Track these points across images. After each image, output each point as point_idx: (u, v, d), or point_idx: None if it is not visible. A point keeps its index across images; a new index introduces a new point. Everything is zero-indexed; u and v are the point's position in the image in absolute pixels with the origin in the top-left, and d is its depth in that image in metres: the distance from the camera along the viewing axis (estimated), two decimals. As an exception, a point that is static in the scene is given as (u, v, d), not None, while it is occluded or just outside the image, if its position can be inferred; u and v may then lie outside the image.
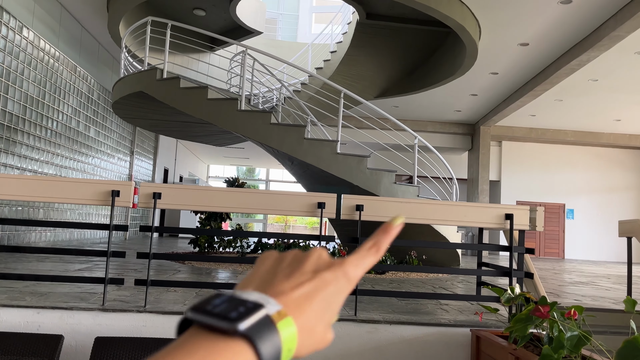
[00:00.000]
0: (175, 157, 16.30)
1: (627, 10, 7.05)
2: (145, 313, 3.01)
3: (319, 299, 0.41)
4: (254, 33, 10.26)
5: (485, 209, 3.67)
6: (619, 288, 6.31)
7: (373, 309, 3.65)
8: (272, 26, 14.68)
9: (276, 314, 0.37)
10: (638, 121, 13.32)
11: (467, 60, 8.83)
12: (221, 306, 0.36)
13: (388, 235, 0.49)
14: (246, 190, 3.44)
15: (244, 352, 0.34)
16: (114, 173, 11.00)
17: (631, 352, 1.81)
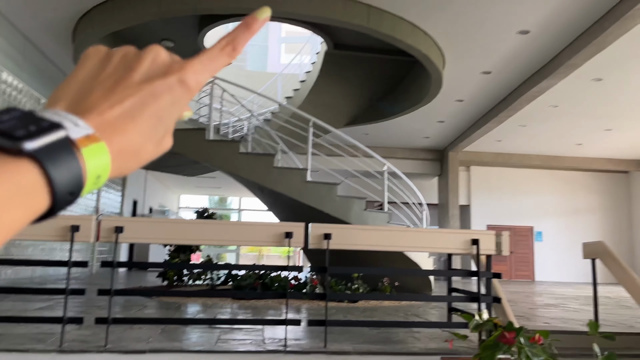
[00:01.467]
0: (145, 188, 16.03)
1: (582, 40, 7.37)
2: (106, 353, 2.89)
3: (146, 117, 0.35)
4: (223, 63, 10.29)
5: (452, 234, 3.69)
6: (587, 309, 6.41)
7: (344, 339, 3.59)
8: (242, 56, 14.81)
9: (83, 138, 0.31)
10: (598, 145, 13.80)
11: (432, 89, 9.04)
12: (9, 122, 0.30)
13: (250, 31, 0.41)
14: (212, 222, 3.39)
15: (29, 174, 0.29)
16: (80, 206, 10.73)
17: (594, 376, 1.82)
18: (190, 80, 0.37)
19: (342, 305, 6.13)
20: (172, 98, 0.36)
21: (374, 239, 3.63)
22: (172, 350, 2.98)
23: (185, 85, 0.37)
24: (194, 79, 0.37)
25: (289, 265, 3.48)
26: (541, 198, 16.43)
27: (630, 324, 4.99)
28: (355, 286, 6.70)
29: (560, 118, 11.54)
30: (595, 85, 9.41)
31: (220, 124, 8.56)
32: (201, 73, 0.38)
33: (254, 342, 3.33)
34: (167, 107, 0.36)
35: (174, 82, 0.36)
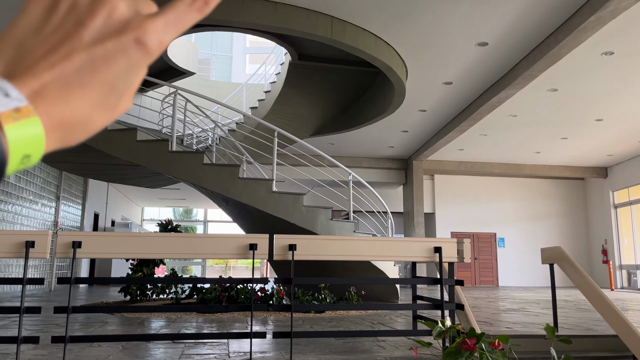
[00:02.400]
0: (107, 201, 15.63)
1: (538, 51, 7.64)
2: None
3: (95, 83, 0.30)
4: (187, 74, 10.21)
5: (415, 243, 3.74)
6: (547, 313, 6.58)
7: (310, 350, 3.58)
8: (206, 67, 14.69)
9: (10, 112, 0.27)
10: (555, 153, 14.28)
11: (396, 99, 9.19)
12: None
13: None
14: (174, 235, 3.33)
15: None
16: (38, 221, 10.37)
17: (550, 379, 1.87)
18: (150, 41, 0.31)
19: (309, 316, 6.11)
20: (128, 62, 0.31)
21: (338, 248, 3.65)
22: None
23: (145, 47, 0.31)
24: (156, 40, 0.31)
25: (254, 277, 3.45)
26: (502, 205, 16.85)
27: (587, 326, 5.15)
28: (322, 296, 6.69)
29: (519, 127, 11.90)
30: (551, 96, 9.76)
31: (184, 134, 8.46)
32: (165, 32, 0.31)
33: (219, 357, 3.28)
34: (121, 72, 0.31)
35: (131, 43, 0.30)
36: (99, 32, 0.30)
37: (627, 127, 11.73)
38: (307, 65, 9.14)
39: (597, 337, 4.50)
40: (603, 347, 4.43)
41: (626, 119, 11.12)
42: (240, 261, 33.70)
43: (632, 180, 14.71)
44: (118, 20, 0.31)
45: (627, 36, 7.30)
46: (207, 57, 15.10)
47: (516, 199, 16.93)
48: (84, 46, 0.30)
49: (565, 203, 17.11)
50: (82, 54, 0.29)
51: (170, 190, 15.97)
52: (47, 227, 10.87)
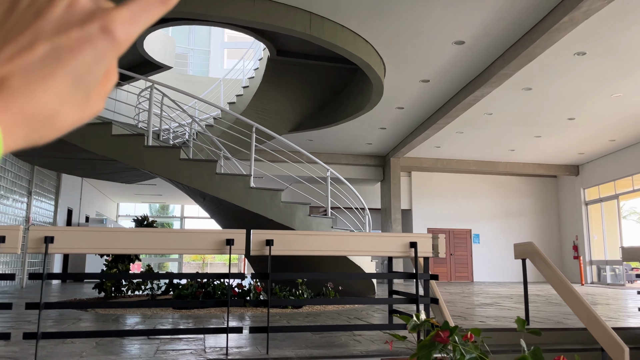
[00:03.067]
0: (81, 196, 15.34)
1: (512, 51, 7.77)
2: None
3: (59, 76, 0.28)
4: (164, 68, 10.08)
5: (392, 238, 3.78)
6: (519, 307, 6.72)
7: (286, 345, 3.59)
8: (183, 61, 14.53)
9: None
10: (529, 151, 14.56)
11: (374, 96, 9.24)
12: None
13: None
14: (150, 230, 3.30)
15: None
16: (8, 216, 10.13)
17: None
18: (117, 31, 0.30)
19: (286, 312, 6.12)
20: (94, 53, 0.29)
21: (316, 244, 3.67)
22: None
23: (111, 36, 0.29)
24: (122, 30, 0.30)
25: (230, 272, 3.44)
26: (478, 202, 17.11)
27: (558, 319, 5.28)
28: (300, 292, 6.71)
29: (494, 125, 12.09)
30: (525, 95, 9.94)
31: (160, 129, 8.36)
32: (131, 23, 0.30)
33: (195, 352, 3.27)
34: (88, 64, 0.29)
35: (96, 32, 0.29)
36: (61, 22, 0.29)
37: (598, 126, 12.03)
38: (286, 61, 9.13)
39: (567, 330, 4.62)
40: (572, 340, 4.56)
41: (597, 118, 11.40)
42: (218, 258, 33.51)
43: (602, 178, 15.10)
44: (80, 10, 0.30)
45: (599, 37, 7.48)
46: (185, 51, 14.93)
47: (491, 196, 17.22)
48: (46, 37, 0.28)
49: (539, 200, 17.46)
50: (45, 44, 0.28)
51: (147, 185, 15.77)
52: (18, 222, 10.63)
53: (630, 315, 5.85)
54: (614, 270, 14.85)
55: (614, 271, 14.84)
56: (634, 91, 9.62)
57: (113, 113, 9.10)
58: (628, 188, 14.24)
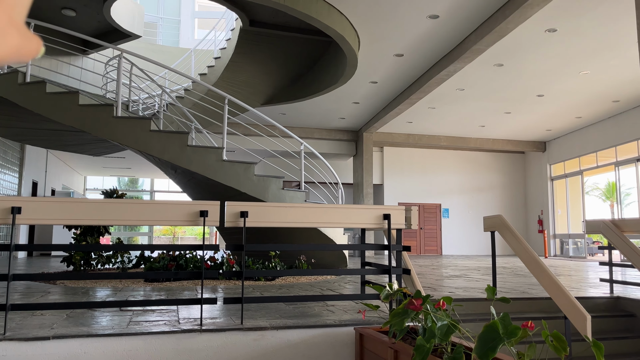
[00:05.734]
0: (46, 169, 14.91)
1: (486, 26, 7.81)
2: (5, 341, 2.69)
3: None
4: (132, 37, 9.76)
5: (365, 210, 3.81)
6: (487, 279, 6.92)
7: (260, 316, 3.62)
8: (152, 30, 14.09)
9: None
10: (499, 127, 14.80)
11: (348, 69, 9.18)
12: None
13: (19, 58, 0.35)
14: (120, 201, 3.23)
15: None
16: (-30, 188, 9.78)
17: (490, 335, 1.99)
18: None
19: (259, 284, 6.15)
20: None
21: (290, 216, 3.67)
22: (79, 335, 2.84)
23: None
24: None
25: (204, 244, 3.42)
26: (448, 177, 17.40)
27: (523, 290, 5.46)
28: (273, 265, 6.74)
29: (466, 101, 12.22)
30: (497, 71, 10.05)
31: (130, 100, 8.14)
32: None
33: (169, 323, 3.26)
34: None
35: None
36: None
37: (565, 103, 12.29)
38: (259, 32, 8.95)
39: (532, 300, 4.80)
40: (537, 309, 4.74)
41: (565, 95, 11.64)
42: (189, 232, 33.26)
43: (568, 154, 15.52)
44: None
45: (570, 15, 7.57)
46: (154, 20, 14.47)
47: (461, 171, 17.52)
48: None
49: (507, 175, 17.86)
50: None
51: (115, 158, 15.43)
52: (-20, 195, 10.28)
53: (592, 285, 6.10)
54: (576, 243, 15.42)
55: (577, 244, 15.40)
56: (601, 69, 9.83)
57: (80, 82, 8.80)
58: (592, 164, 14.69)
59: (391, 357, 2.70)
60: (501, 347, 2.08)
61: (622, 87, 10.89)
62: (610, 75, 10.15)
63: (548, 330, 2.06)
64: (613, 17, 7.66)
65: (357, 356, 3.22)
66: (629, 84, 10.70)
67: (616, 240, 4.90)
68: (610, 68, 9.76)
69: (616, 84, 10.73)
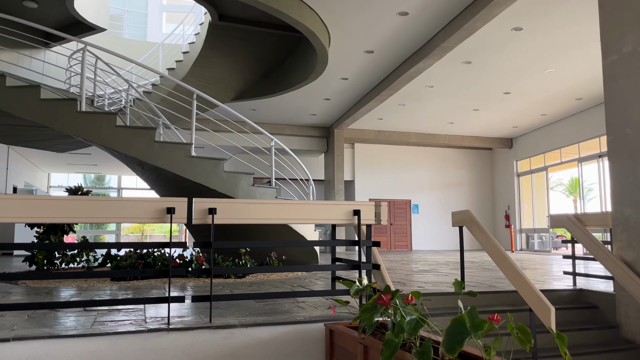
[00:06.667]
0: (7, 166, 14.41)
1: (454, 24, 7.90)
2: (-41, 345, 2.58)
3: None
4: (97, 30, 9.50)
5: (336, 206, 3.81)
6: (455, 273, 7.03)
7: (230, 313, 3.57)
8: (118, 23, 13.75)
9: None
10: (467, 124, 15.04)
11: (318, 66, 9.17)
12: None
13: None
14: (84, 198, 3.14)
15: None
16: None
17: (457, 329, 2.01)
18: None
19: (229, 281, 6.09)
20: None
21: (260, 212, 3.63)
22: (40, 336, 2.75)
23: None
24: None
25: (171, 242, 3.35)
26: (418, 173, 17.61)
27: (490, 283, 5.57)
28: (243, 262, 6.68)
29: (435, 98, 12.36)
30: (465, 68, 10.19)
31: (95, 95, 7.92)
32: None
33: (135, 322, 3.19)
34: None
35: None
36: None
37: (531, 101, 12.57)
38: (228, 27, 8.84)
39: (499, 293, 4.89)
40: (504, 302, 4.83)
41: (530, 93, 11.90)
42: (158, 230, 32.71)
43: (533, 151, 15.89)
44: None
45: (535, 13, 7.73)
46: (120, 13, 14.12)
47: (430, 168, 17.75)
48: None
49: (475, 172, 18.18)
50: None
51: (80, 155, 15.03)
52: (-64, 193, 9.86)
53: (556, 278, 6.26)
54: (541, 237, 15.83)
55: (541, 238, 15.82)
56: (565, 67, 10.09)
57: (42, 76, 8.53)
58: (556, 160, 15.08)
59: (361, 353, 2.70)
60: (468, 340, 2.11)
61: (585, 85, 11.20)
62: (574, 73, 10.42)
63: (514, 322, 2.09)
64: (577, 17, 7.86)
65: (328, 352, 3.22)
66: (591, 82, 11.01)
67: (579, 234, 5.03)
68: (574, 66, 10.02)
69: (579, 82, 11.03)
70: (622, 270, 4.48)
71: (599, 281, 5.63)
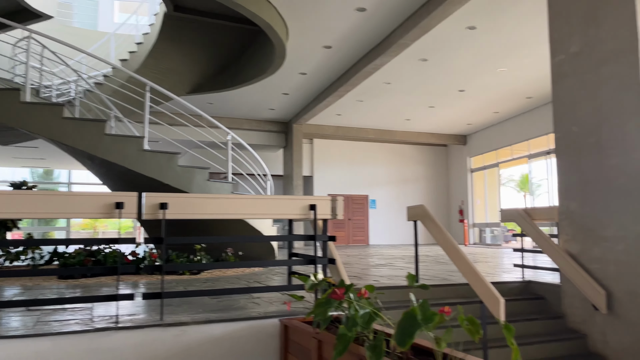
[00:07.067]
0: (-54, 159, 13.61)
1: (411, 21, 8.00)
2: None
3: None
4: (44, 17, 9.07)
5: (291, 201, 3.78)
6: (410, 267, 7.14)
7: (182, 311, 3.49)
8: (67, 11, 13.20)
9: None
10: (424, 120, 15.30)
11: (276, 60, 9.09)
12: None
13: None
14: (29, 193, 2.98)
15: None
16: None
17: (409, 322, 2.02)
18: None
19: (183, 278, 5.97)
20: None
21: (214, 207, 3.56)
22: (-24, 339, 2.60)
23: None
24: None
25: (121, 237, 3.24)
26: (375, 169, 17.79)
27: (444, 277, 5.68)
28: (198, 258, 6.56)
29: (392, 94, 12.50)
30: (421, 65, 10.35)
31: (41, 85, 7.57)
32: None
33: (81, 322, 3.07)
34: None
35: None
36: None
37: (484, 99, 12.91)
38: (184, 18, 8.63)
39: (452, 286, 4.99)
40: (456, 294, 4.94)
41: (484, 91, 12.21)
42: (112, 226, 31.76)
43: (486, 148, 16.34)
44: None
45: (488, 12, 7.92)
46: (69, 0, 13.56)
47: (388, 163, 17.97)
48: None
49: (430, 168, 18.54)
50: None
51: (26, 148, 14.38)
52: None
53: (506, 271, 6.46)
54: (493, 231, 16.32)
55: (493, 232, 16.31)
56: (516, 66, 10.40)
57: (-17, 65, 8.09)
58: (507, 157, 15.57)
59: (315, 347, 2.69)
60: (420, 332, 2.13)
61: (535, 84, 11.59)
62: (525, 72, 10.76)
63: (465, 314, 2.13)
64: (528, 17, 8.10)
65: (282, 348, 3.19)
66: (541, 81, 11.40)
67: (527, 227, 5.20)
68: (525, 66, 10.34)
69: (529, 81, 11.40)
70: (567, 263, 4.66)
71: (547, 273, 5.84)
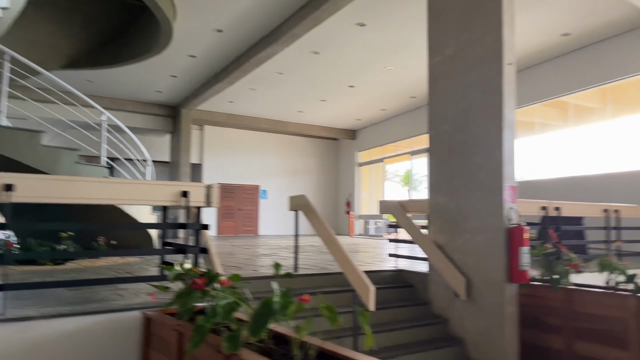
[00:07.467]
0: None
1: (302, 11, 8.00)
2: None
3: None
4: None
5: (162, 186, 3.58)
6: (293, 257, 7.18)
7: (32, 304, 3.16)
8: None
9: None
10: (316, 113, 15.51)
11: (162, 39, 8.63)
12: None
13: None
14: None
15: None
16: None
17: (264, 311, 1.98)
18: None
19: (45, 269, 5.45)
20: None
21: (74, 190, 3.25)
22: None
23: None
24: None
25: (-45, 222, 2.84)
26: (267, 159, 17.73)
27: (323, 266, 5.79)
28: (64, 247, 6.03)
29: (285, 85, 12.48)
30: (313, 58, 10.43)
31: None
32: None
33: None
34: None
35: None
36: None
37: (372, 96, 13.38)
38: (58, -16, 7.85)
39: (328, 275, 5.09)
40: (332, 283, 5.04)
41: (372, 88, 12.65)
42: (-30, 212, 28.28)
43: (373, 143, 17.01)
44: None
45: (377, 11, 8.18)
46: None
47: (280, 154, 17.99)
48: None
49: (321, 160, 18.89)
50: None
51: None
52: None
53: (382, 260, 6.75)
54: (376, 223, 17.07)
55: (377, 224, 17.06)
56: (401, 66, 10.89)
57: None
58: (392, 153, 16.33)
59: (175, 340, 2.56)
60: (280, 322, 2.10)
61: (418, 84, 12.22)
62: (408, 72, 11.31)
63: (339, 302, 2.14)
64: (413, 18, 8.47)
65: (144, 341, 3.01)
66: (423, 82, 12.01)
67: (400, 219, 5.46)
68: (409, 66, 10.86)
69: (413, 81, 12.00)
70: (434, 252, 4.96)
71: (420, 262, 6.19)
